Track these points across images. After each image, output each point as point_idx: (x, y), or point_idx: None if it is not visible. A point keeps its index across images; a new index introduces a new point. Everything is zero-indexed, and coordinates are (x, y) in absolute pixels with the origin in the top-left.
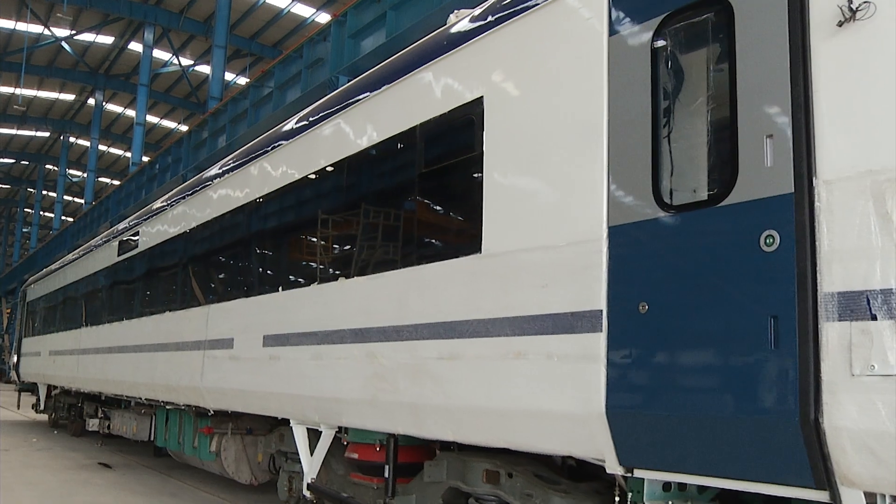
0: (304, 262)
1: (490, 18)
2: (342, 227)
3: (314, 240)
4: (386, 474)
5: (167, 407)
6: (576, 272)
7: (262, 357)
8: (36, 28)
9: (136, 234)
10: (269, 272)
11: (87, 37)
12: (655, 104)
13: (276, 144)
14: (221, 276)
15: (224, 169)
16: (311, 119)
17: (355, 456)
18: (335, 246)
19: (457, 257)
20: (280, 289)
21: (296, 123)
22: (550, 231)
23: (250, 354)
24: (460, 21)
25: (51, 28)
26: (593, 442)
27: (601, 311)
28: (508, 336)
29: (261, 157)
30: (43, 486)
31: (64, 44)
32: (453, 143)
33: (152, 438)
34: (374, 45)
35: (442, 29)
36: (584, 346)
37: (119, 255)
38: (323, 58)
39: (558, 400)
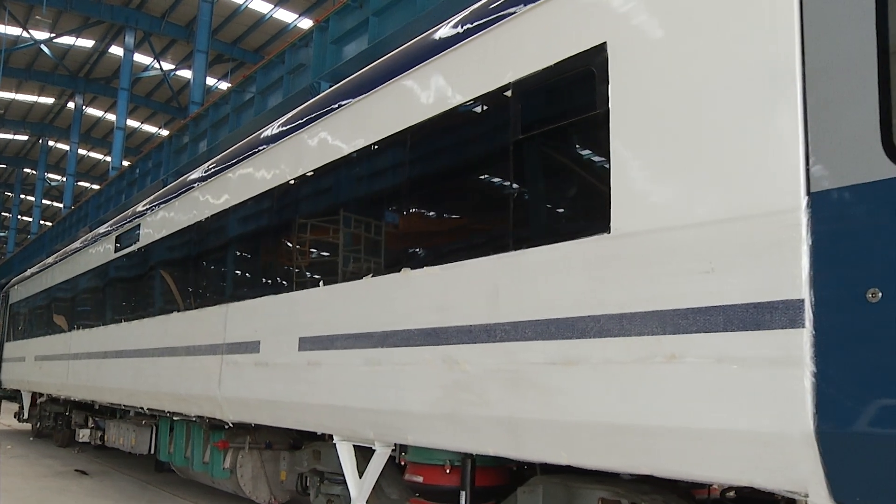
0: (352, 251)
1: None
2: (406, 208)
3: (368, 224)
4: (462, 501)
5: (174, 418)
6: (758, 252)
7: (297, 363)
8: (14, 30)
9: (138, 226)
10: (305, 264)
11: (66, 40)
12: (882, 32)
13: (313, 118)
14: (243, 269)
15: (249, 149)
16: (365, 86)
17: (419, 479)
18: (397, 231)
19: (573, 239)
20: (321, 283)
21: (334, 99)
22: (716, 202)
23: (282, 360)
24: None
25: (29, 30)
26: (792, 469)
27: (802, 300)
28: (655, 335)
29: (297, 130)
30: (17, 493)
31: (43, 46)
32: (564, 101)
33: (153, 452)
34: (356, 51)
35: None
36: (776, 347)
37: (117, 250)
38: (305, 63)
39: (735, 415)
